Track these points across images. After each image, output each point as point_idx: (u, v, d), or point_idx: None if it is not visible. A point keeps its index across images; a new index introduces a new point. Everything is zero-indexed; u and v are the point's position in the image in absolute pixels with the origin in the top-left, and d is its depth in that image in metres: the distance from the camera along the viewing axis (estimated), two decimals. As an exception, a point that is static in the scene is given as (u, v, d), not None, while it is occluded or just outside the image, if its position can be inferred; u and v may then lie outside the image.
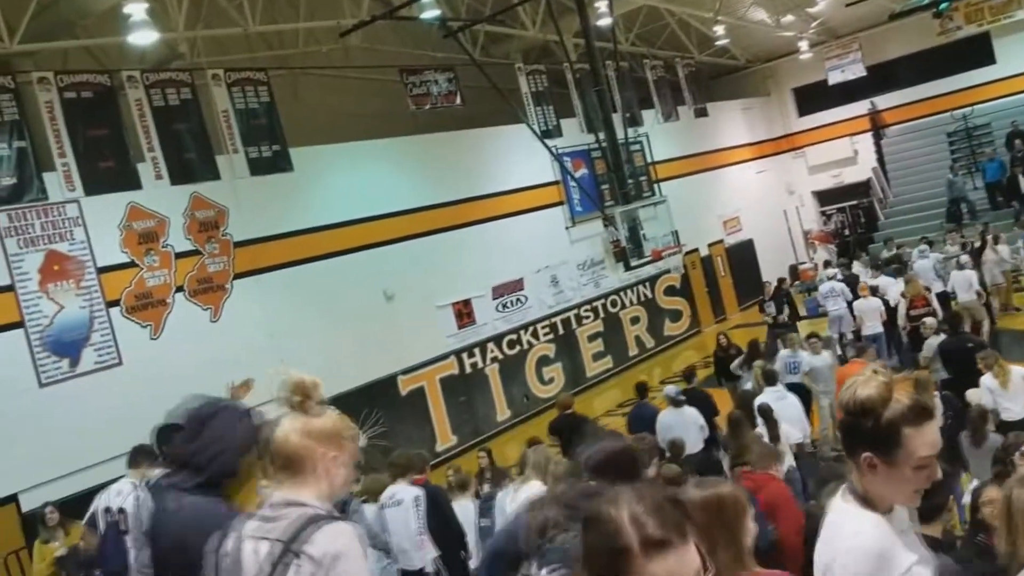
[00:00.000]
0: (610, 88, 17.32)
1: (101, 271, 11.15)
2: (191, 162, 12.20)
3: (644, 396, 11.28)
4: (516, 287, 16.62)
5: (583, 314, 17.85)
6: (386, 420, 13.14)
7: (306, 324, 13.03)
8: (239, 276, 12.60)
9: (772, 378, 9.58)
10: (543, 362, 16.85)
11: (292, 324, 12.85)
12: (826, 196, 25.16)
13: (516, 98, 16.93)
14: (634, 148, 19.04)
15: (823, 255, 22.92)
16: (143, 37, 10.61)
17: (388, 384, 14.00)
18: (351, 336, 13.45)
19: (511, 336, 16.35)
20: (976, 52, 21.81)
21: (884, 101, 23.49)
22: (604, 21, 16.22)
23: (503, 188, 16.75)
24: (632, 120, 18.90)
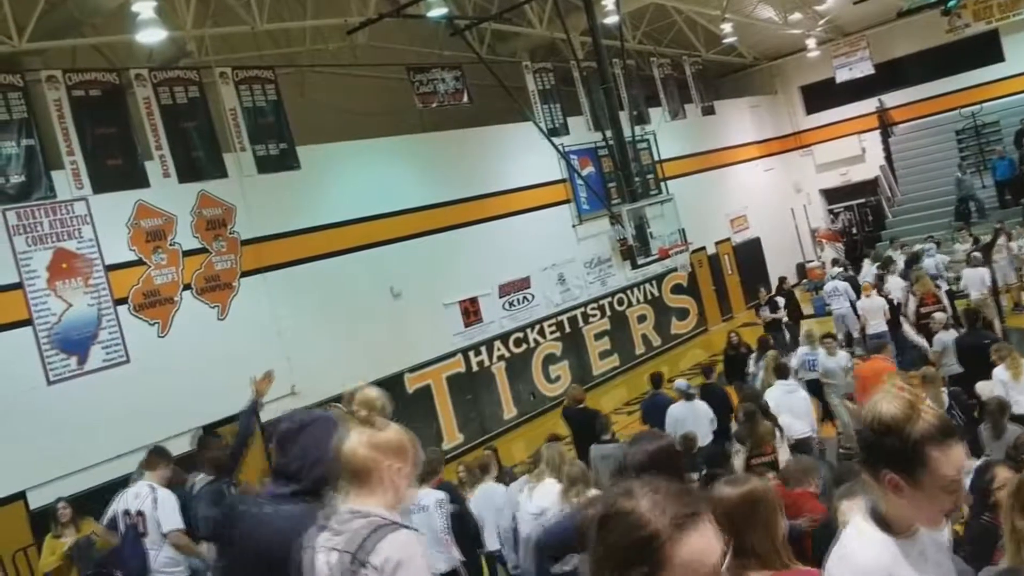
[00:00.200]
0: (617, 86, 17.25)
1: (109, 269, 11.17)
2: (199, 160, 12.22)
3: (659, 386, 11.42)
4: (523, 285, 16.61)
5: (590, 312, 17.84)
6: (393, 418, 13.08)
7: (313, 322, 13.06)
8: (246, 274, 12.61)
9: (784, 371, 9.62)
10: (550, 360, 16.84)
11: (299, 322, 12.88)
12: (834, 194, 25.08)
13: (523, 96, 16.91)
14: (641, 146, 18.98)
15: (830, 253, 22.83)
16: (151, 35, 10.61)
17: (395, 382, 13.97)
18: (358, 334, 13.47)
19: (518, 334, 16.35)
20: (985, 50, 21.71)
21: (892, 99, 23.40)
22: (611, 19, 16.17)
23: (510, 186, 16.74)
24: (639, 118, 18.86)
